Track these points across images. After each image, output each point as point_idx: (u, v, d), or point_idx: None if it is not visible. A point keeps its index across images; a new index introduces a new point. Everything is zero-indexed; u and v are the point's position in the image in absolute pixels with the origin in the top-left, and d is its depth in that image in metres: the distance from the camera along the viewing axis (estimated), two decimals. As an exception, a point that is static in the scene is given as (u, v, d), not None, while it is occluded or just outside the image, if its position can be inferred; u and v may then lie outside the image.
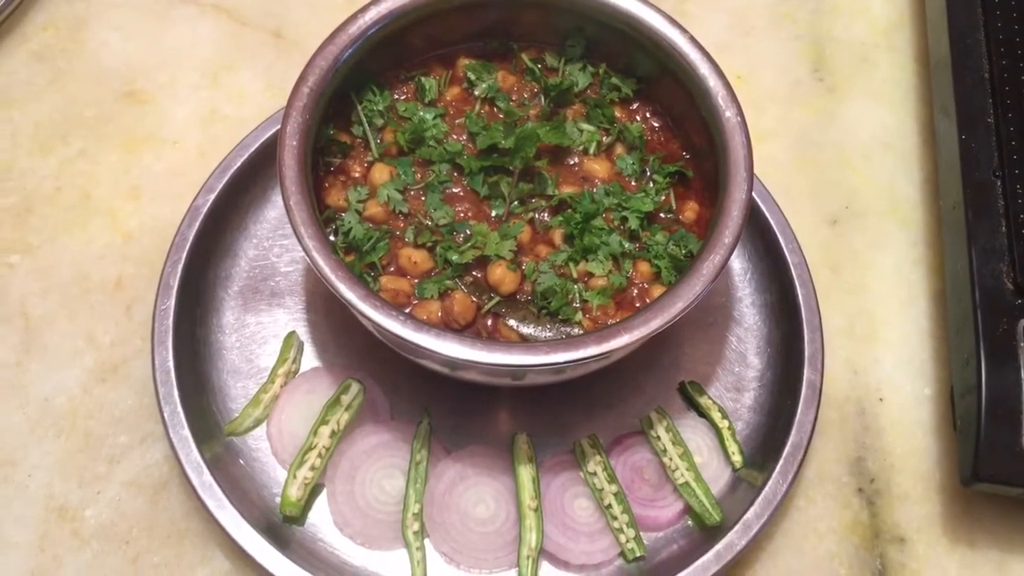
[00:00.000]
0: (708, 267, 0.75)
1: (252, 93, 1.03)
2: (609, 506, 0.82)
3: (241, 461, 0.84)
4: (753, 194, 0.79)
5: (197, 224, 0.88)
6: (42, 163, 0.97)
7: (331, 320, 0.90)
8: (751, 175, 0.79)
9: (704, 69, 0.82)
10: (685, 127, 0.88)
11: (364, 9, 0.83)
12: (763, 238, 0.93)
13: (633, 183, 0.86)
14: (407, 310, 0.78)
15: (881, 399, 0.91)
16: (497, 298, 0.80)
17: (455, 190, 0.84)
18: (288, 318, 0.90)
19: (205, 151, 0.98)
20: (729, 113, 0.81)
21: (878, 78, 1.09)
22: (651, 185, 0.86)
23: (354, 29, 0.82)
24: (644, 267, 0.82)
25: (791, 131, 1.05)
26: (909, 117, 1.07)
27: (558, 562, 0.81)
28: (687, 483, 0.83)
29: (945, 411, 0.90)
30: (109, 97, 1.01)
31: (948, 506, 0.87)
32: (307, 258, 0.74)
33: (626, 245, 0.82)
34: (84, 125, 1.00)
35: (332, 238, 0.80)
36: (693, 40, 0.83)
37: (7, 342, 0.89)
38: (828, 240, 0.99)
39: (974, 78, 0.94)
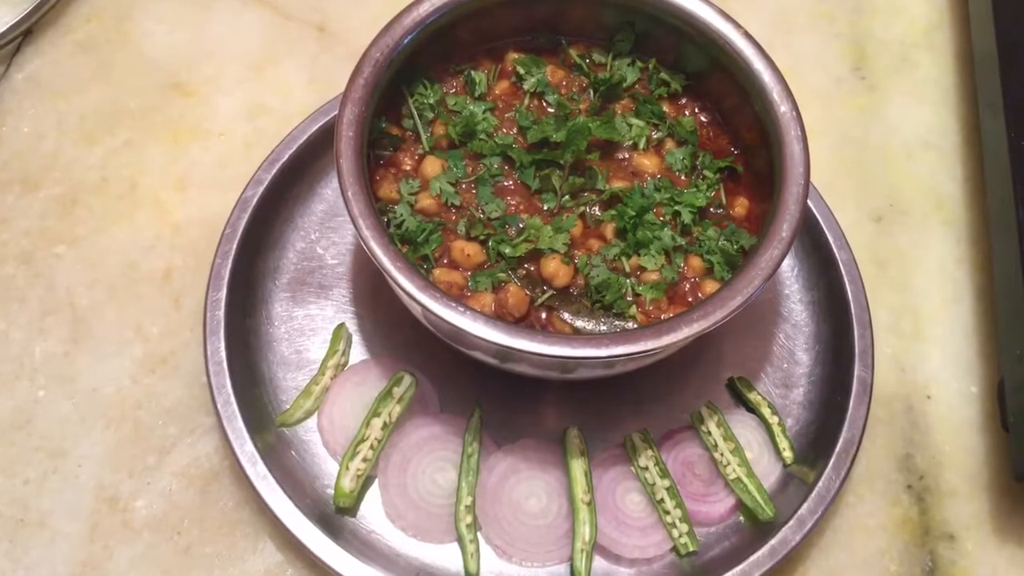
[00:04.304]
0: (766, 261, 0.75)
1: (296, 86, 1.03)
2: (661, 500, 0.81)
3: (293, 452, 0.83)
4: (805, 189, 0.79)
5: (247, 215, 0.88)
6: (88, 154, 0.97)
7: (377, 313, 0.90)
8: (807, 170, 0.78)
9: (759, 64, 0.82)
10: (734, 123, 0.88)
11: (418, 2, 0.83)
12: (810, 234, 0.93)
13: (683, 178, 0.86)
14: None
15: (929, 396, 0.91)
16: (550, 291, 0.80)
17: (506, 183, 0.84)
18: (335, 310, 0.90)
19: (251, 143, 0.98)
20: (784, 108, 0.81)
21: (919, 77, 1.09)
22: (701, 180, 0.85)
23: (408, 21, 0.82)
24: (696, 262, 0.82)
25: (834, 129, 1.05)
26: (950, 115, 1.07)
27: (610, 556, 0.81)
28: (739, 478, 0.83)
29: (992, 409, 0.90)
30: (154, 88, 1.01)
31: (997, 503, 0.87)
32: (366, 249, 0.74)
33: (678, 240, 0.82)
34: (130, 116, 1.00)
35: (387, 230, 0.80)
36: (747, 35, 0.83)
37: (55, 333, 0.89)
38: (873, 237, 0.99)
39: (1022, 74, 0.94)
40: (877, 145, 1.05)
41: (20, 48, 1.03)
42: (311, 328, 0.89)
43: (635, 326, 0.78)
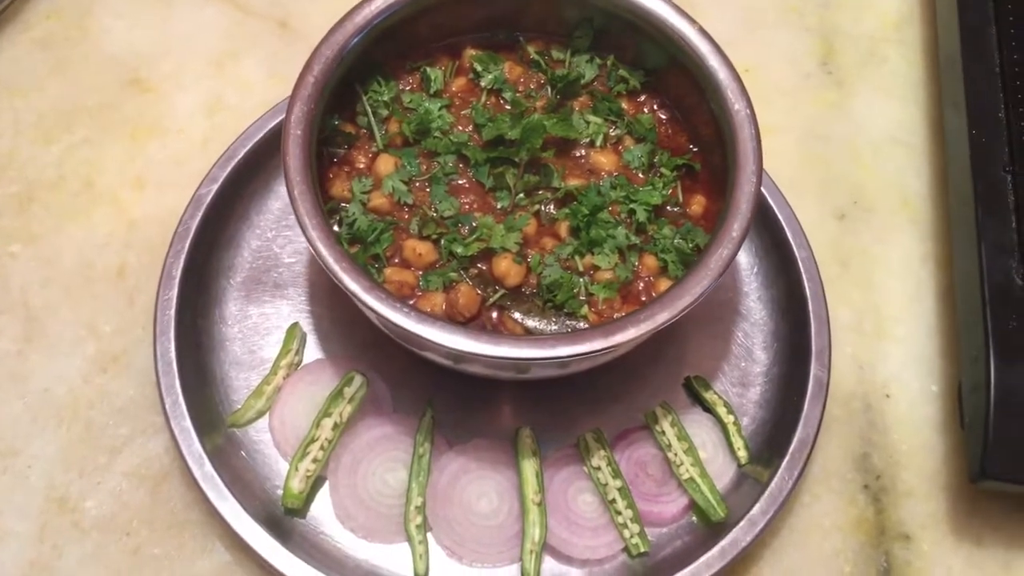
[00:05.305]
0: (716, 261, 0.74)
1: (256, 83, 1.02)
2: (613, 501, 0.81)
3: (243, 453, 0.83)
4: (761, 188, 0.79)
5: (200, 214, 0.88)
6: (45, 151, 0.97)
7: (334, 312, 0.89)
8: (760, 168, 0.78)
9: (714, 61, 0.81)
10: (693, 120, 0.87)
11: (371, -2, 0.82)
12: (770, 232, 0.92)
13: (640, 175, 0.85)
14: (411, 302, 0.77)
15: (888, 395, 0.91)
16: (502, 291, 0.79)
17: (460, 182, 0.83)
18: (291, 309, 0.89)
19: (209, 140, 0.98)
20: (738, 106, 0.80)
21: (887, 72, 1.08)
22: (658, 178, 0.85)
23: (360, 18, 0.81)
24: (650, 261, 0.81)
25: (799, 125, 1.04)
26: (918, 112, 1.06)
27: (561, 557, 0.81)
28: (692, 479, 0.82)
29: (952, 408, 0.90)
30: (113, 85, 1.00)
31: (954, 503, 0.86)
32: (311, 249, 0.73)
33: (632, 238, 0.81)
34: (88, 113, 0.99)
35: (336, 229, 0.80)
36: (703, 32, 0.82)
37: (8, 332, 0.88)
38: (835, 235, 0.98)
39: (985, 72, 0.93)
40: (843, 141, 1.04)
41: (-21, 45, 1.02)
42: (265, 327, 0.88)
43: (586, 326, 0.78)
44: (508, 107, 0.87)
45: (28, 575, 0.80)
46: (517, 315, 0.79)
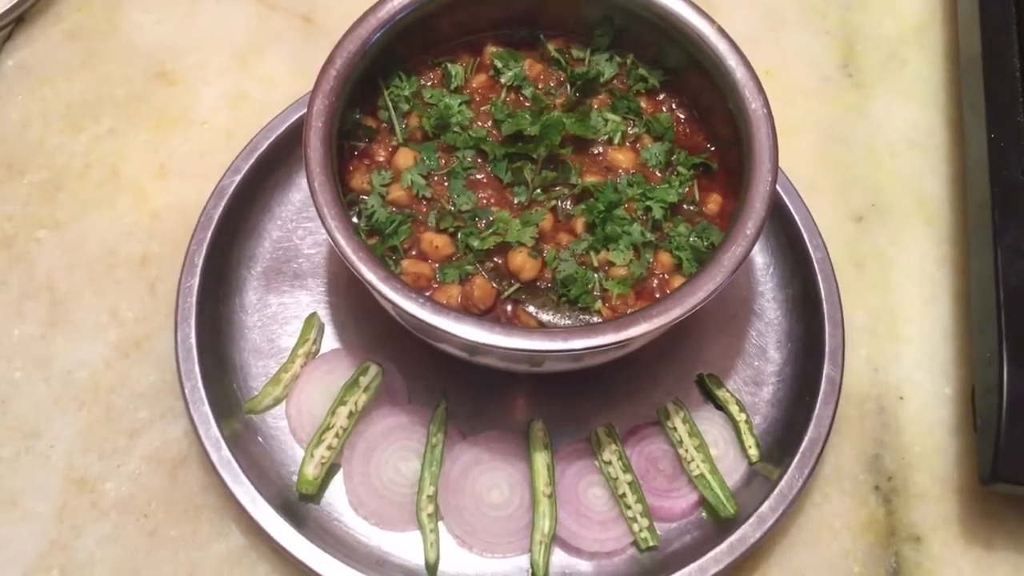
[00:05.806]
0: (729, 258, 0.75)
1: (280, 77, 1.03)
2: (623, 495, 0.82)
3: (260, 439, 0.84)
4: (777, 188, 0.79)
5: (223, 204, 0.89)
6: (72, 140, 0.99)
7: (352, 303, 0.91)
8: (775, 168, 0.78)
9: (732, 61, 0.82)
10: (711, 119, 0.87)
11: (394, -6, 0.83)
12: (786, 232, 0.93)
13: (657, 174, 0.86)
14: (427, 294, 0.78)
15: (901, 397, 0.91)
16: (517, 284, 0.80)
17: (478, 176, 0.84)
18: (310, 300, 0.91)
19: (233, 132, 0.99)
20: (755, 105, 0.80)
21: (907, 75, 1.08)
22: (675, 176, 0.85)
23: (383, 13, 0.83)
24: (665, 258, 0.82)
25: (818, 127, 1.05)
26: (938, 115, 1.06)
27: (570, 549, 0.81)
28: (702, 475, 0.83)
29: (965, 411, 0.90)
30: (140, 77, 1.02)
31: (965, 506, 0.86)
32: (329, 239, 0.74)
33: (648, 235, 0.82)
34: (115, 104, 1.01)
35: (355, 221, 0.81)
36: (721, 31, 0.83)
37: (33, 315, 0.90)
38: (852, 237, 0.98)
39: (1005, 76, 0.93)
40: (862, 143, 1.04)
41: (11, 35, 1.04)
42: (284, 316, 0.90)
43: (599, 320, 0.78)
44: (528, 104, 0.88)
45: (48, 554, 0.81)
46: (531, 309, 0.80)
